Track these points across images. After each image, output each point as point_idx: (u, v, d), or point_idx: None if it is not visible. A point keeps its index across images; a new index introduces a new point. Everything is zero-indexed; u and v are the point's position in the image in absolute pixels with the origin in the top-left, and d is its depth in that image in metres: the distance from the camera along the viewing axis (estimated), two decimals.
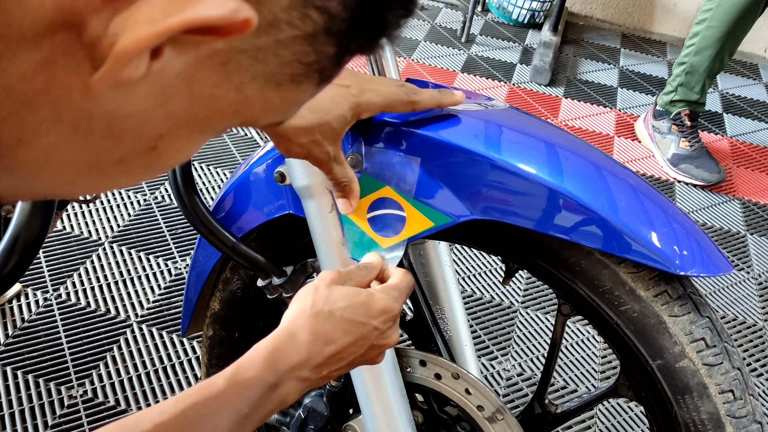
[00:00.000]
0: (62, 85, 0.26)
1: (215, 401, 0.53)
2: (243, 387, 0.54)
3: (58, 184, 0.31)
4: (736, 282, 1.88)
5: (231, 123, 0.33)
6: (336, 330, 0.58)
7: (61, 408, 1.27)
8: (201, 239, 0.86)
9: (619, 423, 1.43)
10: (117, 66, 0.25)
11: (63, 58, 0.26)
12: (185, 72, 0.28)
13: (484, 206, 0.65)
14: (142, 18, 0.25)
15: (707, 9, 2.22)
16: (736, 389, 0.65)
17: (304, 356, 0.56)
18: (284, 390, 0.56)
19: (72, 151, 0.29)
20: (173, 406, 0.52)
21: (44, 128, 0.27)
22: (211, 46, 0.28)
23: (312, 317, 0.58)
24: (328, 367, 0.58)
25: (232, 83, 0.30)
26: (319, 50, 0.31)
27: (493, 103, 0.76)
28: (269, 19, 0.28)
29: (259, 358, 0.56)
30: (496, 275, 1.75)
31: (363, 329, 0.59)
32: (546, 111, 2.56)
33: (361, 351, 0.60)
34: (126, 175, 0.31)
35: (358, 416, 0.80)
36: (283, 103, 0.33)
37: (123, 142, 0.29)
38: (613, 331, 0.68)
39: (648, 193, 0.67)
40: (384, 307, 0.60)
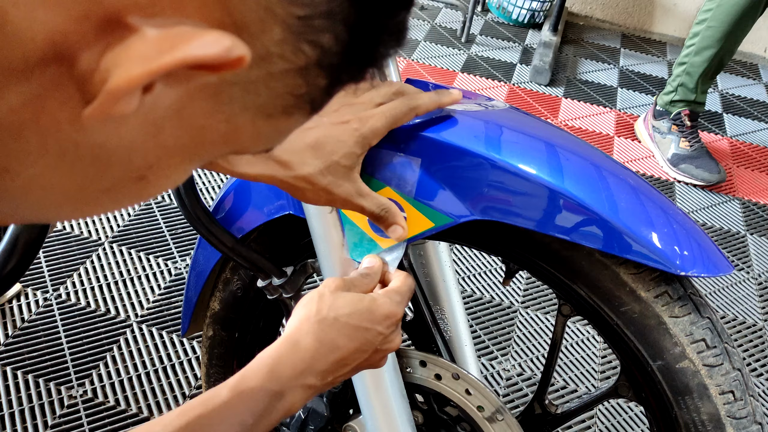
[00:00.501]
0: (51, 117, 0.26)
1: (219, 413, 0.53)
2: (247, 398, 0.54)
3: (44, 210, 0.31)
4: (736, 282, 1.88)
5: (221, 152, 0.32)
6: (341, 336, 0.58)
7: (61, 408, 1.27)
8: (201, 239, 0.86)
9: (619, 423, 1.43)
10: (109, 102, 0.25)
11: (53, 91, 0.26)
12: (176, 104, 0.28)
13: (484, 206, 0.65)
14: (135, 55, 0.24)
15: (707, 9, 2.22)
16: (737, 390, 0.65)
17: (309, 364, 0.56)
18: (289, 399, 0.56)
19: (59, 179, 0.28)
20: (177, 418, 0.51)
21: (31, 158, 0.27)
22: (203, 80, 0.28)
23: (317, 324, 0.58)
24: (333, 373, 0.58)
25: (223, 114, 0.30)
26: (311, 83, 0.31)
27: (493, 104, 0.76)
28: (261, 52, 0.28)
29: (264, 368, 0.56)
30: (496, 275, 1.75)
31: (367, 335, 0.59)
32: (546, 111, 2.56)
33: (365, 356, 0.60)
34: (113, 202, 0.31)
35: (358, 417, 0.80)
36: (273, 132, 0.33)
37: (111, 172, 0.29)
38: (613, 331, 0.68)
39: (648, 194, 0.67)
40: (387, 312, 0.60)
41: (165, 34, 0.24)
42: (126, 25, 0.25)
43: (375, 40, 0.31)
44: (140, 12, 0.25)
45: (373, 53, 0.32)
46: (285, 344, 0.57)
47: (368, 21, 0.30)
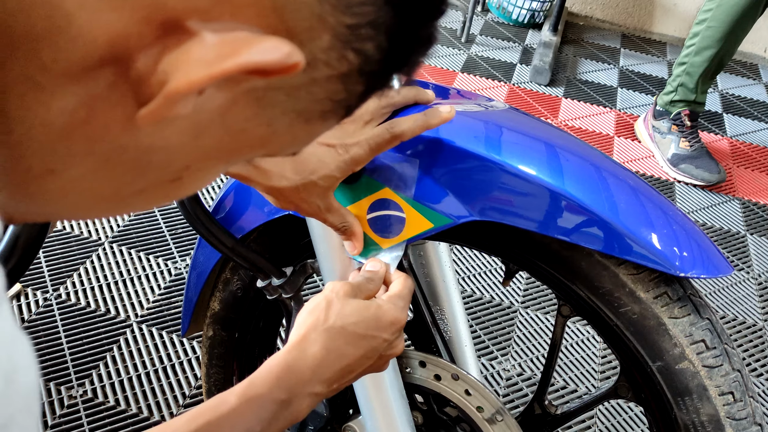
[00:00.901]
0: (102, 120, 0.26)
1: (228, 419, 0.53)
2: (255, 405, 0.54)
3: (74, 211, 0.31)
4: (736, 282, 1.88)
5: (255, 154, 0.33)
6: (348, 345, 0.58)
7: (61, 408, 1.27)
8: (201, 239, 0.86)
9: (618, 423, 1.43)
10: (167, 104, 0.25)
11: (107, 92, 0.26)
12: (222, 107, 0.29)
13: (483, 207, 0.65)
14: (196, 59, 0.25)
15: (707, 9, 2.22)
16: (736, 391, 0.65)
17: (316, 372, 0.57)
18: (296, 407, 0.56)
19: (98, 181, 0.29)
20: (186, 424, 0.52)
21: (76, 160, 0.27)
22: (251, 84, 0.28)
23: (325, 333, 0.58)
24: (339, 380, 0.59)
25: (264, 118, 0.30)
26: (349, 89, 0.32)
27: (493, 104, 0.76)
28: (309, 59, 0.29)
29: (271, 375, 0.56)
30: (496, 275, 1.75)
31: (373, 342, 0.60)
32: (546, 111, 2.56)
33: (370, 362, 0.61)
34: (143, 202, 0.32)
35: (357, 417, 0.80)
36: (306, 136, 0.34)
37: (149, 173, 0.29)
38: (613, 332, 0.68)
39: (648, 194, 0.67)
40: (393, 319, 0.61)
41: (226, 38, 0.25)
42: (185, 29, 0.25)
43: (410, 48, 0.33)
44: (199, 16, 0.25)
45: (407, 61, 0.33)
46: (293, 352, 0.57)
47: (406, 30, 0.31)
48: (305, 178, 0.61)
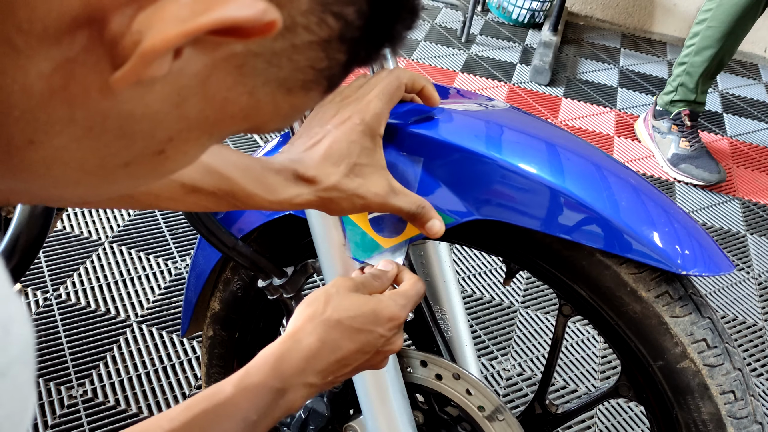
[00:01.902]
0: (80, 84, 0.26)
1: (224, 408, 0.53)
2: (251, 393, 0.54)
3: (61, 187, 0.31)
4: (736, 282, 1.88)
5: (239, 128, 0.33)
6: (343, 338, 0.58)
7: (61, 408, 1.27)
8: (201, 239, 0.86)
9: (619, 423, 1.43)
10: (141, 64, 0.25)
11: (83, 55, 0.26)
12: (202, 73, 0.28)
13: (484, 206, 0.65)
14: (170, 16, 0.24)
15: (707, 9, 2.22)
16: (737, 390, 0.65)
17: (310, 363, 0.57)
18: (291, 396, 0.56)
19: (82, 152, 0.28)
20: (183, 413, 0.52)
21: (57, 129, 0.27)
22: (230, 49, 0.28)
23: (320, 325, 0.58)
24: (334, 373, 0.58)
25: (245, 87, 0.30)
26: (331, 57, 0.31)
27: (493, 104, 0.76)
28: (288, 22, 0.28)
29: (266, 365, 0.56)
30: (496, 275, 1.75)
31: (369, 337, 0.59)
32: (546, 111, 2.56)
33: (367, 357, 0.60)
34: (130, 178, 0.31)
35: (358, 417, 0.80)
36: (291, 110, 0.34)
37: (133, 144, 0.29)
38: (614, 331, 0.68)
39: (649, 193, 0.66)
40: (390, 315, 0.60)
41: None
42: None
43: (393, 16, 0.33)
44: None
45: (391, 30, 0.33)
46: (288, 342, 0.58)
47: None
48: (347, 164, 0.60)
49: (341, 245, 0.71)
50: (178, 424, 0.51)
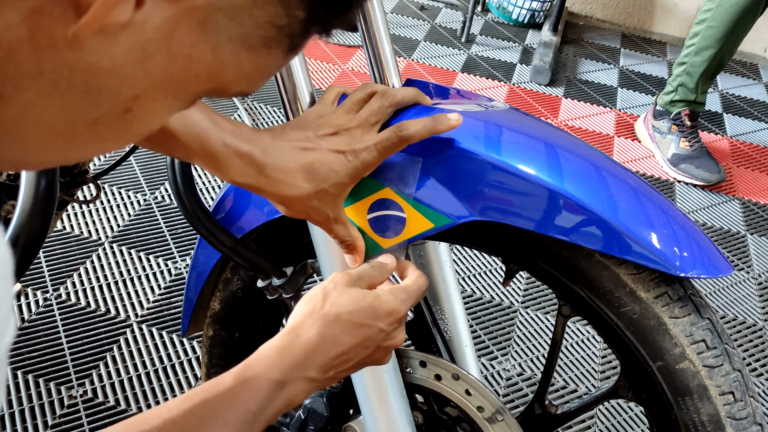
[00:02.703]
0: (47, 34, 0.27)
1: (224, 399, 0.53)
2: (251, 385, 0.55)
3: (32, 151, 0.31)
4: (736, 282, 1.88)
5: (204, 88, 0.33)
6: (343, 333, 0.58)
7: (61, 408, 1.27)
8: (201, 239, 0.86)
9: (619, 423, 1.43)
10: (104, 10, 0.26)
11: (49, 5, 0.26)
12: (165, 27, 0.29)
13: (484, 207, 0.65)
14: None
15: (707, 9, 2.22)
16: (737, 391, 0.65)
17: (310, 357, 0.57)
18: (291, 390, 0.56)
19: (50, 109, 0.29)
20: (182, 403, 0.52)
21: (25, 82, 0.28)
22: (191, 2, 0.29)
23: (319, 320, 0.58)
24: (335, 368, 0.59)
25: (208, 44, 0.31)
26: (290, 13, 0.32)
27: (493, 104, 0.76)
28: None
29: (267, 358, 0.56)
30: (496, 275, 1.75)
31: (369, 332, 0.59)
32: (546, 111, 2.56)
33: (368, 352, 0.60)
34: (99, 140, 0.32)
35: (358, 417, 0.80)
36: (254, 70, 0.34)
37: (100, 102, 0.30)
38: (613, 332, 0.68)
39: (648, 194, 0.66)
40: (390, 309, 0.61)
41: None
42: None
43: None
44: None
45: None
46: (288, 337, 0.58)
47: None
48: (316, 186, 0.62)
49: None
50: (177, 413, 0.51)
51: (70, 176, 0.93)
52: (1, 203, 0.91)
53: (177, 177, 0.75)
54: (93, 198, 0.99)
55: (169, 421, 0.50)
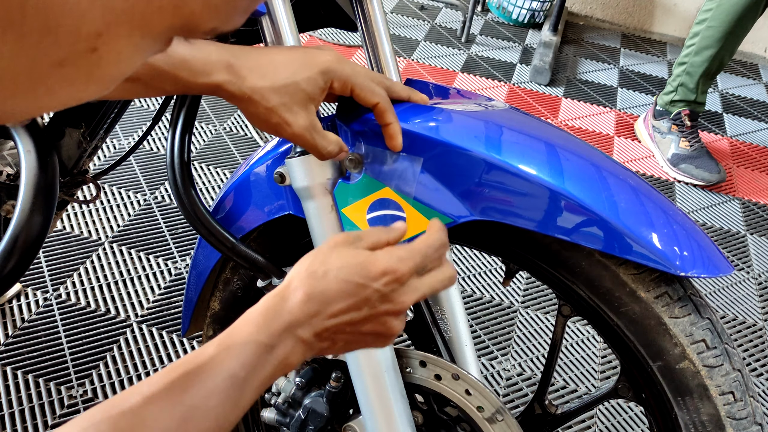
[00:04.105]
0: None
1: (207, 368, 0.50)
2: (235, 350, 0.52)
3: None
4: (736, 282, 1.88)
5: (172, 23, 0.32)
6: (330, 290, 0.55)
7: (61, 408, 1.27)
8: (201, 239, 0.86)
9: (619, 423, 1.43)
10: None
11: None
12: None
13: (484, 207, 0.65)
14: None
15: (707, 9, 2.22)
16: (737, 391, 0.65)
17: (296, 316, 0.54)
18: (281, 351, 0.53)
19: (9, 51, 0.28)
20: (163, 377, 0.49)
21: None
22: None
23: (306, 278, 0.55)
24: (328, 330, 0.55)
25: None
26: None
27: (493, 104, 0.76)
28: None
29: (251, 322, 0.54)
30: (496, 275, 1.75)
31: (361, 291, 0.55)
32: (546, 111, 2.56)
33: (364, 315, 0.56)
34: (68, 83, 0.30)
35: (358, 417, 0.80)
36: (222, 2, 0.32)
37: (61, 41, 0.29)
38: (613, 332, 0.68)
39: (648, 194, 0.66)
40: (385, 267, 0.55)
41: None
42: None
43: None
44: None
45: None
46: (273, 298, 0.55)
47: None
48: (288, 78, 0.60)
49: None
50: (158, 388, 0.48)
51: (70, 176, 0.93)
52: (1, 203, 0.91)
53: (177, 177, 0.75)
54: (93, 198, 0.99)
55: (150, 397, 0.48)
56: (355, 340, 0.57)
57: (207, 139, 2.08)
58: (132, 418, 0.47)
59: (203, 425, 0.49)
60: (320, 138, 0.63)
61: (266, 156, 0.77)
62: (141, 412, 0.47)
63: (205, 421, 0.49)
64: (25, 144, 0.78)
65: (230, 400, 0.51)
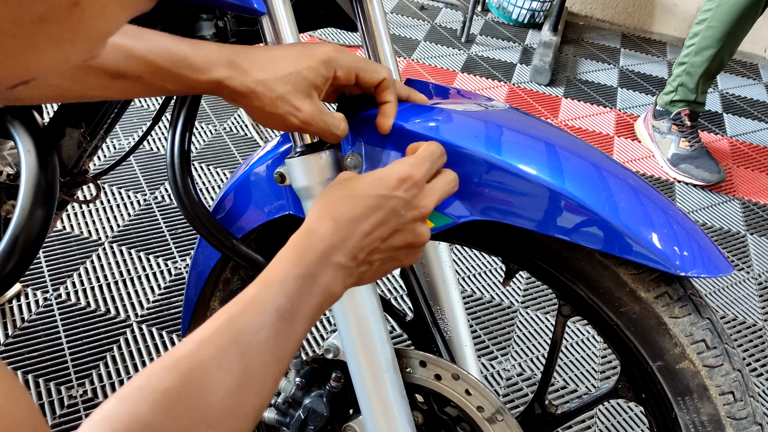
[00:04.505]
0: None
1: (252, 305, 0.50)
2: (276, 285, 0.52)
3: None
4: (736, 282, 1.88)
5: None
6: (356, 211, 0.55)
7: (61, 408, 1.27)
8: (201, 239, 0.86)
9: (619, 423, 1.43)
10: None
11: None
12: None
13: (484, 207, 0.65)
14: None
15: (707, 9, 2.22)
16: (737, 391, 0.65)
17: (329, 243, 0.54)
18: (323, 280, 0.53)
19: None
20: (211, 323, 0.49)
21: None
22: None
23: (327, 206, 0.56)
24: (363, 250, 0.56)
25: None
26: None
27: (493, 104, 0.76)
28: None
29: (285, 258, 0.54)
30: (496, 275, 1.75)
31: (385, 202, 0.56)
32: (546, 111, 2.56)
33: (393, 227, 0.57)
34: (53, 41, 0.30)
35: (358, 417, 0.80)
36: None
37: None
38: (613, 332, 0.68)
39: (648, 194, 0.67)
40: (401, 174, 0.57)
41: None
42: None
43: None
44: None
45: None
46: (301, 233, 0.55)
47: None
48: (291, 67, 0.61)
49: None
50: (209, 332, 0.48)
51: (70, 176, 0.93)
52: (1, 203, 0.91)
53: (177, 177, 0.75)
54: (93, 198, 0.99)
55: (202, 342, 0.48)
56: (389, 257, 0.58)
57: (207, 139, 2.08)
58: (189, 361, 0.46)
59: (260, 359, 0.49)
60: (330, 119, 0.63)
61: (266, 156, 0.77)
62: (197, 355, 0.47)
63: (262, 355, 0.49)
64: (25, 144, 0.78)
65: (281, 333, 0.51)
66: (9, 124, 0.79)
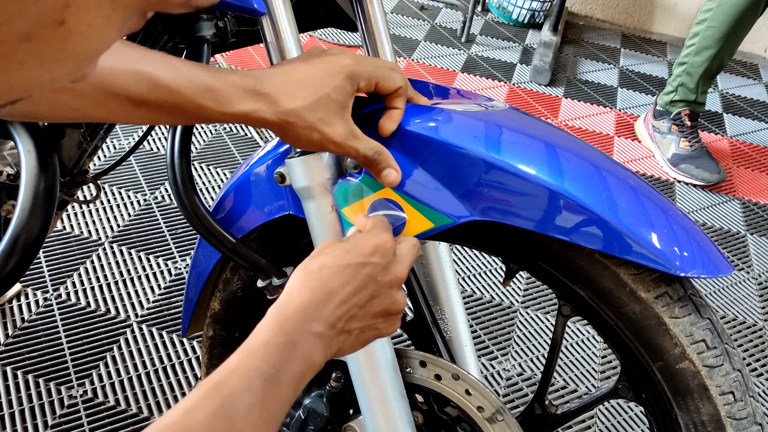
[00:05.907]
0: None
1: (236, 373, 0.51)
2: (259, 352, 0.52)
3: None
4: (736, 282, 1.88)
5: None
6: (332, 279, 0.57)
7: (61, 408, 1.27)
8: (201, 239, 0.86)
9: (619, 423, 1.43)
10: None
11: None
12: None
13: (484, 207, 0.65)
14: None
15: (707, 9, 2.22)
16: (737, 391, 0.65)
17: (308, 313, 0.55)
18: (303, 349, 0.54)
19: None
20: (197, 391, 0.50)
21: None
22: None
23: (306, 276, 0.57)
24: (341, 319, 0.57)
25: None
26: None
27: (493, 104, 0.76)
28: None
29: (265, 327, 0.55)
30: (496, 275, 1.75)
31: (362, 269, 0.58)
32: (546, 111, 2.56)
33: (370, 293, 0.58)
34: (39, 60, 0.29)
35: (358, 417, 0.80)
36: None
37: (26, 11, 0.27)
38: (613, 332, 0.68)
39: (648, 194, 0.66)
40: (376, 243, 0.59)
41: None
42: None
43: None
44: None
45: None
46: (280, 303, 0.56)
47: None
48: (316, 92, 0.60)
49: None
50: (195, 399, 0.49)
51: (70, 176, 0.93)
52: (1, 203, 0.91)
53: (177, 177, 0.75)
54: (93, 198, 0.99)
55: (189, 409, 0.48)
56: (368, 325, 0.59)
57: (207, 139, 2.08)
58: (177, 428, 0.47)
59: (249, 420, 0.49)
60: (359, 143, 0.63)
61: (266, 156, 0.77)
62: (184, 421, 0.47)
63: (250, 416, 0.49)
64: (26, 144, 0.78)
65: (268, 396, 0.51)
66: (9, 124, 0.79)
